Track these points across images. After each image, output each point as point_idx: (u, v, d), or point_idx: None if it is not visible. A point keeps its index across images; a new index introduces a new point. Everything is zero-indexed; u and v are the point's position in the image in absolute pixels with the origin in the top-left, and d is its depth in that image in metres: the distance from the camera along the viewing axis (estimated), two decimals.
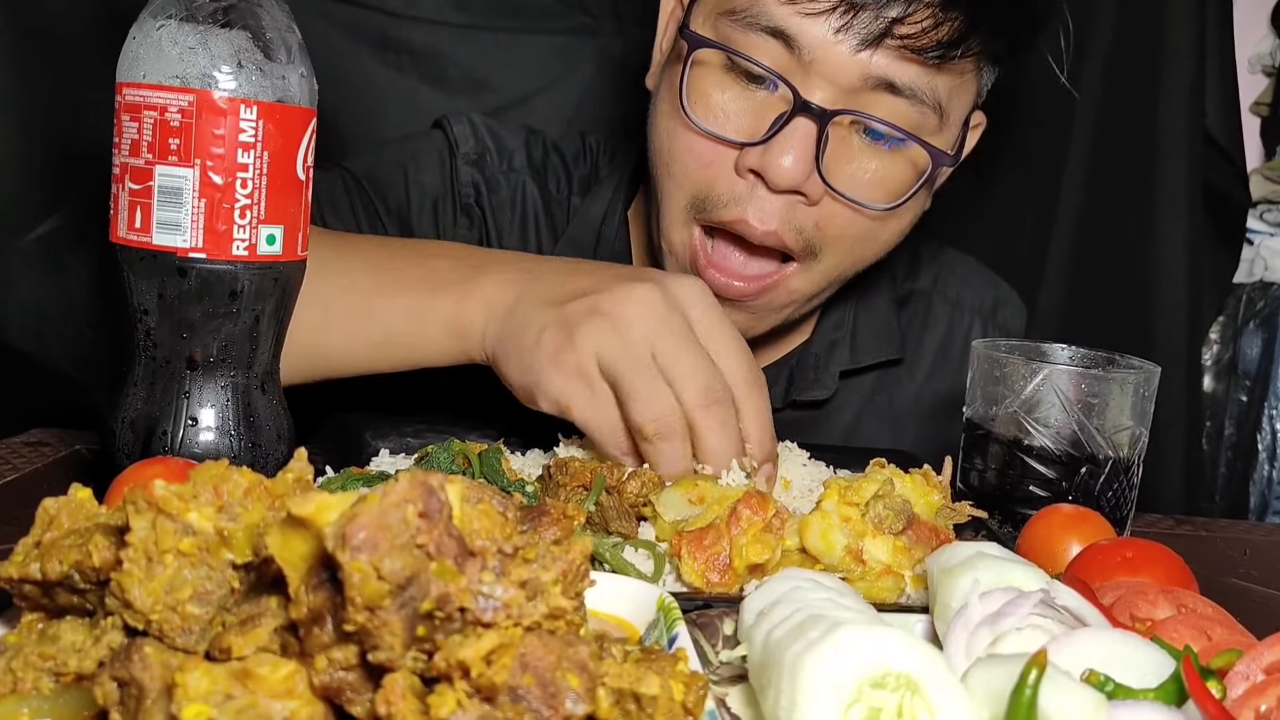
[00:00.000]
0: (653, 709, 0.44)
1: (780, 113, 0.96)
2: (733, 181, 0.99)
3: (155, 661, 0.43)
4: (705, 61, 0.99)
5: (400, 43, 1.45)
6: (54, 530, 0.50)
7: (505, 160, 1.22)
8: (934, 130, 1.00)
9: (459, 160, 1.19)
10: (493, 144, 1.22)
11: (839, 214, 1.00)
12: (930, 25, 0.93)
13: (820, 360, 1.18)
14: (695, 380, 0.81)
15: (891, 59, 0.94)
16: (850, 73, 0.94)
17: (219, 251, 0.72)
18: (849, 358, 1.19)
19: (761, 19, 0.94)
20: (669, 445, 0.81)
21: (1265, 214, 2.44)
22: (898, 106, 0.96)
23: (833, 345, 1.19)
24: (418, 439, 0.94)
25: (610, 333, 0.81)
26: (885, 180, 1.00)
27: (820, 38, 0.93)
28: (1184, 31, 1.67)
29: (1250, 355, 2.37)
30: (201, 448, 0.74)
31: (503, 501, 0.46)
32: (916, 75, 0.95)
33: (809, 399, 1.18)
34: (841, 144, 0.98)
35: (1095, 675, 0.52)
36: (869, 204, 0.99)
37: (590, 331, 0.81)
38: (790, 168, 0.95)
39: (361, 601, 0.40)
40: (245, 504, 0.47)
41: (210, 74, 0.70)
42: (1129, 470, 0.91)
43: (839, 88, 0.95)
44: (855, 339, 1.20)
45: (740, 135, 0.97)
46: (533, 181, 1.22)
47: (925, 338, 1.26)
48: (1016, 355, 0.92)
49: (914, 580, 0.75)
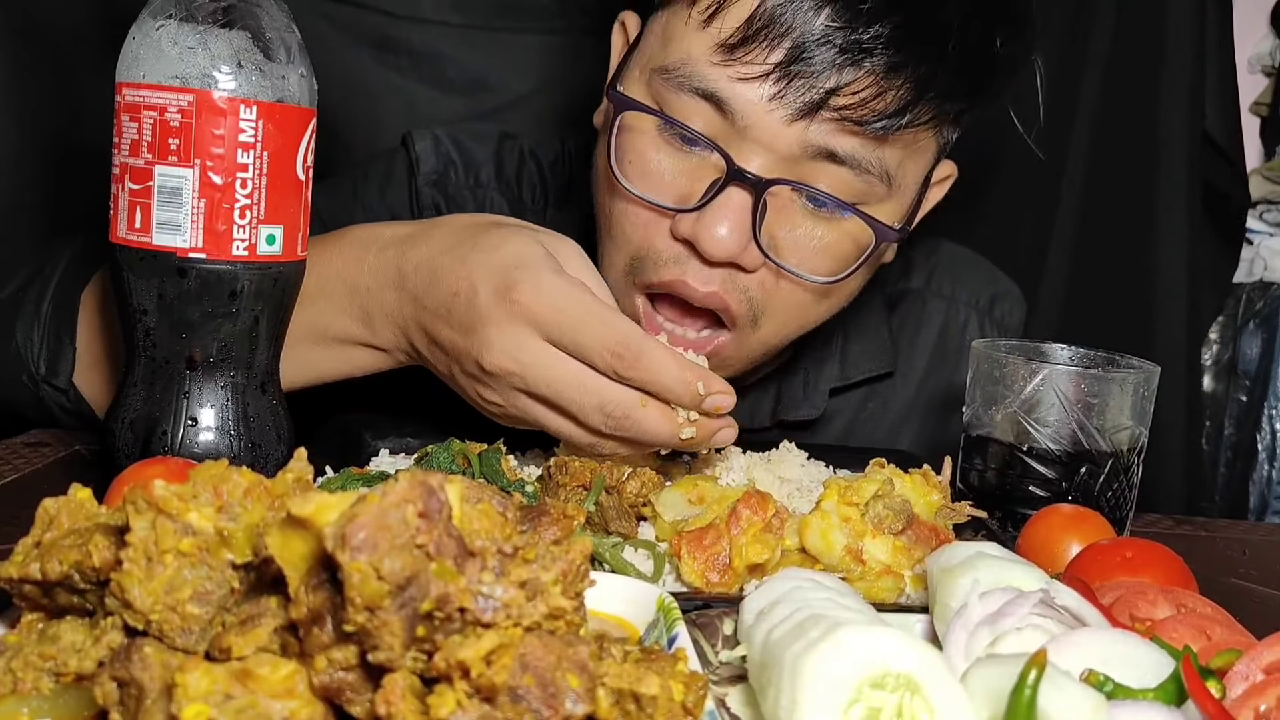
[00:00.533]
0: (652, 709, 0.44)
1: (715, 178, 0.90)
2: (669, 244, 0.93)
3: (155, 661, 0.43)
4: (635, 125, 0.94)
5: (399, 43, 1.45)
6: (54, 530, 0.50)
7: (471, 175, 1.19)
8: (882, 197, 0.93)
9: (419, 180, 1.18)
10: (459, 158, 1.19)
11: (779, 284, 0.94)
12: (871, 95, 0.86)
13: (809, 377, 1.15)
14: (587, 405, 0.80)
15: (831, 129, 0.88)
16: (787, 142, 0.88)
17: (219, 252, 0.72)
18: (839, 374, 1.16)
19: (694, 80, 0.89)
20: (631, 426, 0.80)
21: (1265, 214, 2.44)
22: (840, 175, 0.90)
23: (821, 363, 1.16)
24: (418, 439, 0.94)
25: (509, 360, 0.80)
26: (829, 249, 0.93)
27: (754, 105, 0.87)
28: (1183, 32, 1.67)
29: (1250, 355, 2.37)
30: (201, 448, 0.74)
31: (502, 501, 0.46)
32: (859, 146, 0.89)
33: (797, 419, 1.15)
34: (781, 211, 0.91)
35: (1095, 675, 0.52)
36: (810, 276, 0.93)
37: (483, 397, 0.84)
38: (724, 238, 0.88)
39: (361, 602, 0.40)
40: (245, 504, 0.47)
41: (210, 74, 0.70)
42: (1128, 470, 0.91)
43: (776, 155, 0.89)
44: (845, 356, 1.16)
45: (673, 200, 0.91)
46: (500, 195, 1.20)
47: (918, 340, 1.22)
48: (1016, 355, 0.92)
49: (914, 580, 0.75)
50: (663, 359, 0.79)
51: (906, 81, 0.87)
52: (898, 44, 0.86)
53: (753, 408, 1.15)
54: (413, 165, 1.18)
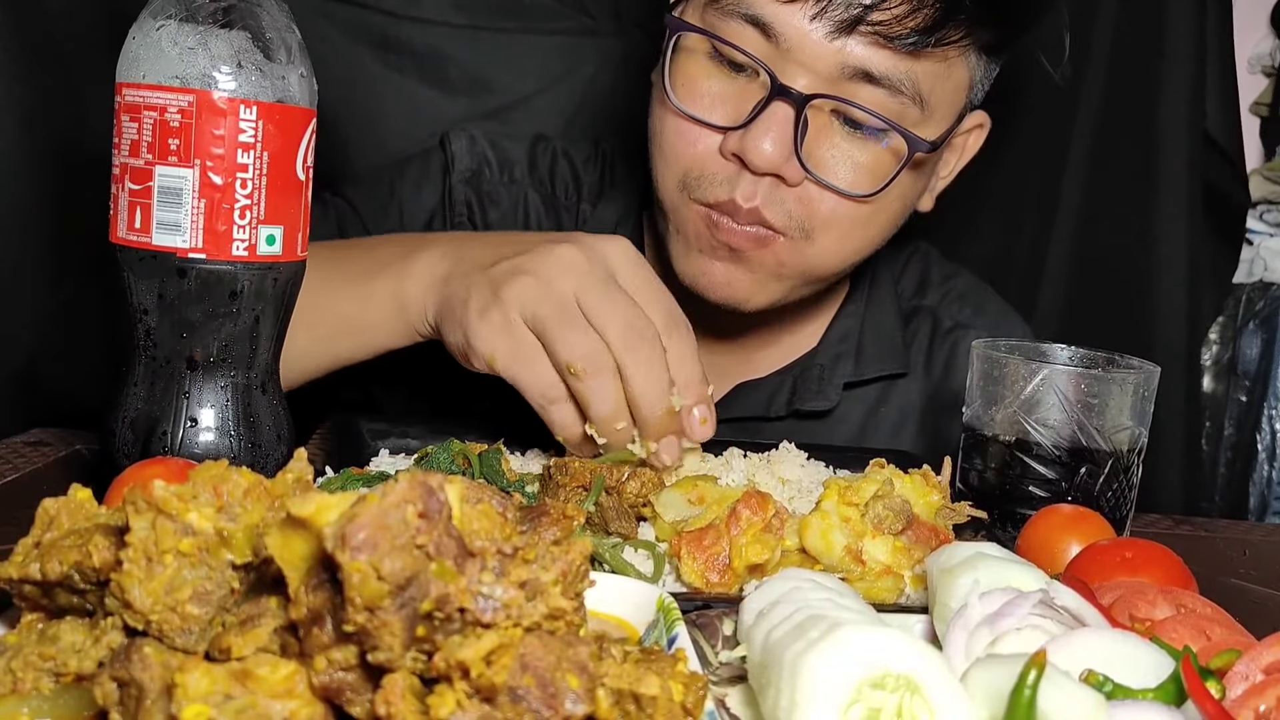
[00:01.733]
0: (652, 709, 0.44)
1: (761, 98, 0.97)
2: (719, 164, 1.00)
3: (155, 662, 0.43)
4: (690, 48, 1.01)
5: (400, 43, 1.45)
6: (54, 530, 0.50)
7: (506, 173, 1.24)
8: (916, 121, 1.00)
9: (454, 178, 1.22)
10: (493, 156, 1.23)
11: (822, 199, 1.00)
12: (904, 12, 0.93)
13: (825, 371, 1.19)
14: (618, 320, 0.82)
15: (867, 47, 0.95)
16: (826, 61, 0.95)
17: (219, 252, 0.72)
18: (853, 370, 1.20)
19: (741, 6, 0.96)
20: (598, 380, 0.81)
21: (1265, 214, 2.44)
22: (876, 95, 0.97)
23: (838, 358, 1.20)
24: (417, 439, 0.95)
25: (533, 286, 0.82)
26: (865, 166, 1.00)
27: (795, 26, 0.95)
28: (1184, 32, 1.66)
29: (1250, 355, 2.37)
30: (201, 448, 0.74)
31: (502, 502, 0.46)
32: (893, 64, 0.96)
33: (812, 409, 1.18)
34: (821, 131, 0.99)
35: (1094, 675, 0.52)
36: (849, 189, 1.00)
37: (514, 287, 0.83)
38: (768, 151, 0.96)
39: (361, 602, 0.40)
40: (245, 504, 0.47)
41: (210, 74, 0.70)
42: (1128, 470, 0.91)
43: (817, 75, 0.96)
44: (861, 352, 1.20)
45: (723, 120, 0.99)
46: (535, 191, 1.24)
47: (931, 353, 1.25)
48: (1016, 355, 0.92)
49: (913, 580, 0.75)
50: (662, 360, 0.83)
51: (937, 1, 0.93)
52: None
53: (770, 398, 1.19)
54: (448, 163, 1.22)
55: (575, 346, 0.81)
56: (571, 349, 0.81)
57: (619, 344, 0.82)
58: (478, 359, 0.85)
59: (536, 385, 0.83)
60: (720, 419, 1.17)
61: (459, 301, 0.86)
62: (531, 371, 0.83)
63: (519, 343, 0.83)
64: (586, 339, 0.81)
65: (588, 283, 0.82)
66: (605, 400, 0.82)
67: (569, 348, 0.81)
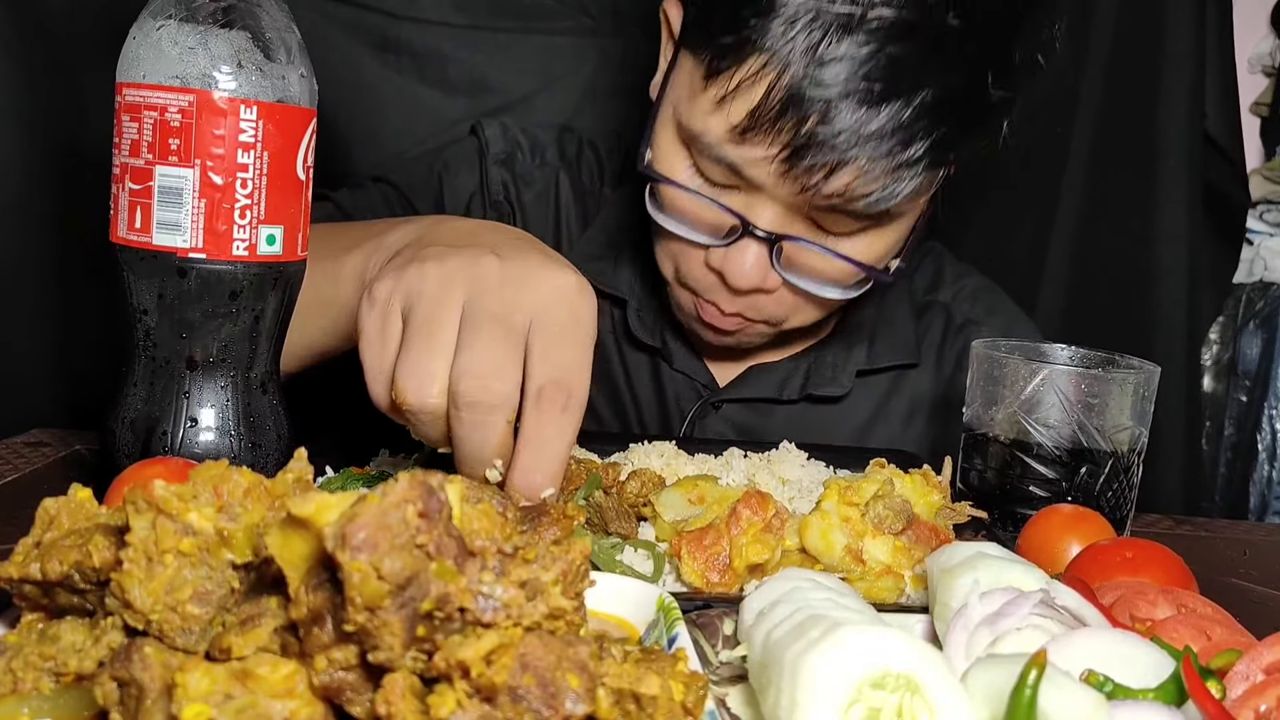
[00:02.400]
0: (653, 709, 0.44)
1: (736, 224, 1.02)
2: (704, 272, 1.07)
3: (155, 661, 0.43)
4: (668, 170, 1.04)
5: (400, 43, 1.45)
6: (54, 530, 0.50)
7: (538, 155, 1.27)
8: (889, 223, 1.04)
9: (489, 161, 1.25)
10: (525, 141, 1.27)
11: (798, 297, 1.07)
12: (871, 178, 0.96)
13: (838, 358, 1.22)
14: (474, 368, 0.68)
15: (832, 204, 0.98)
16: (798, 203, 0.99)
17: (219, 252, 0.72)
18: (866, 359, 1.23)
19: (711, 150, 0.99)
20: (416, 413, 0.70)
21: (1265, 214, 2.44)
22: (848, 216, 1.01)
23: (851, 347, 1.23)
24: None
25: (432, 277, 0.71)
26: (840, 270, 1.05)
27: (764, 175, 0.98)
28: (1183, 32, 1.66)
29: (1250, 355, 2.37)
30: (201, 448, 0.74)
31: (502, 502, 0.46)
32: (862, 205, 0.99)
33: (825, 394, 1.21)
34: (795, 248, 1.03)
35: (1095, 675, 0.52)
36: (823, 293, 1.06)
37: (415, 270, 0.72)
38: (748, 273, 1.02)
39: (361, 602, 0.40)
40: (245, 504, 0.47)
41: (210, 74, 0.70)
42: (1129, 470, 0.91)
43: (788, 207, 1.00)
44: (874, 342, 1.24)
45: (705, 234, 1.04)
46: (565, 174, 1.27)
47: (943, 348, 1.28)
48: (1016, 355, 0.92)
49: (914, 580, 0.75)
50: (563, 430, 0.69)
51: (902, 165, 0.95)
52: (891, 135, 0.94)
53: (784, 381, 1.22)
54: (483, 148, 1.25)
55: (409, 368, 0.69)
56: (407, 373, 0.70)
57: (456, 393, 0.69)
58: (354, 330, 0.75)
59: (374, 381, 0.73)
60: (733, 399, 1.21)
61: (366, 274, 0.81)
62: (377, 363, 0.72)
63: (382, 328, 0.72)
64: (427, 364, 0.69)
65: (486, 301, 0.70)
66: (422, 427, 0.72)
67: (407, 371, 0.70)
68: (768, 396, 1.21)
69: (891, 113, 0.92)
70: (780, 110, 0.93)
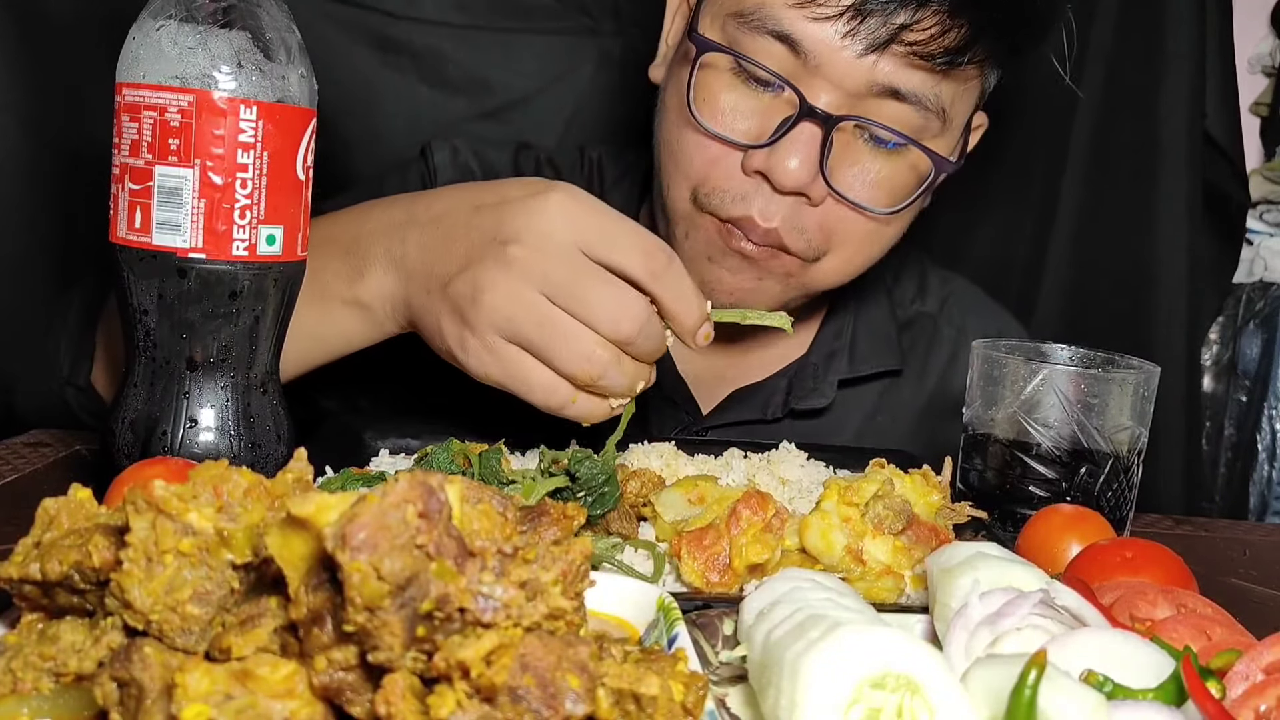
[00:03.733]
0: (652, 709, 0.44)
1: (786, 116, 0.97)
2: (740, 180, 1.00)
3: (155, 662, 0.43)
4: (712, 64, 1.00)
5: (400, 43, 1.45)
6: (54, 530, 0.50)
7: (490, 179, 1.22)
8: (936, 134, 1.01)
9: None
10: (477, 166, 1.22)
11: (843, 216, 1.01)
12: (937, 32, 0.94)
13: (819, 370, 1.19)
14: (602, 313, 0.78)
15: (898, 65, 0.95)
16: (856, 78, 0.95)
17: (219, 252, 0.72)
18: (848, 367, 1.20)
19: (768, 23, 0.95)
20: (608, 380, 0.80)
21: (1265, 214, 2.44)
22: (901, 111, 0.97)
23: (831, 355, 1.20)
24: (417, 439, 0.94)
25: (500, 303, 0.79)
26: (888, 183, 1.01)
27: (826, 43, 0.94)
28: (1183, 32, 1.66)
29: (1250, 355, 2.37)
30: (201, 448, 0.74)
31: (502, 502, 0.46)
32: (922, 81, 0.96)
33: (808, 407, 1.18)
34: (845, 148, 0.99)
35: (1094, 675, 0.52)
36: (871, 207, 1.01)
37: (480, 311, 0.79)
38: (795, 170, 0.96)
39: (361, 602, 0.40)
40: (245, 504, 0.47)
41: (210, 74, 0.70)
42: (1128, 470, 0.91)
43: (844, 92, 0.96)
44: (854, 349, 1.21)
45: (746, 137, 0.99)
46: None
47: (930, 358, 1.26)
48: (1016, 356, 0.92)
49: (914, 580, 0.75)
50: (684, 270, 0.82)
51: (967, 21, 0.94)
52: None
53: (766, 400, 1.18)
54: (429, 175, 1.21)
55: (570, 358, 0.79)
56: (568, 361, 0.79)
57: (613, 334, 0.79)
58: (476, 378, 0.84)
59: (541, 398, 0.82)
60: (718, 424, 1.18)
61: (433, 331, 0.84)
62: (528, 385, 0.81)
63: (507, 362, 0.80)
64: (579, 345, 0.78)
65: (552, 279, 0.78)
66: (620, 386, 0.81)
67: (565, 361, 0.79)
68: (752, 419, 1.18)
69: None
70: None
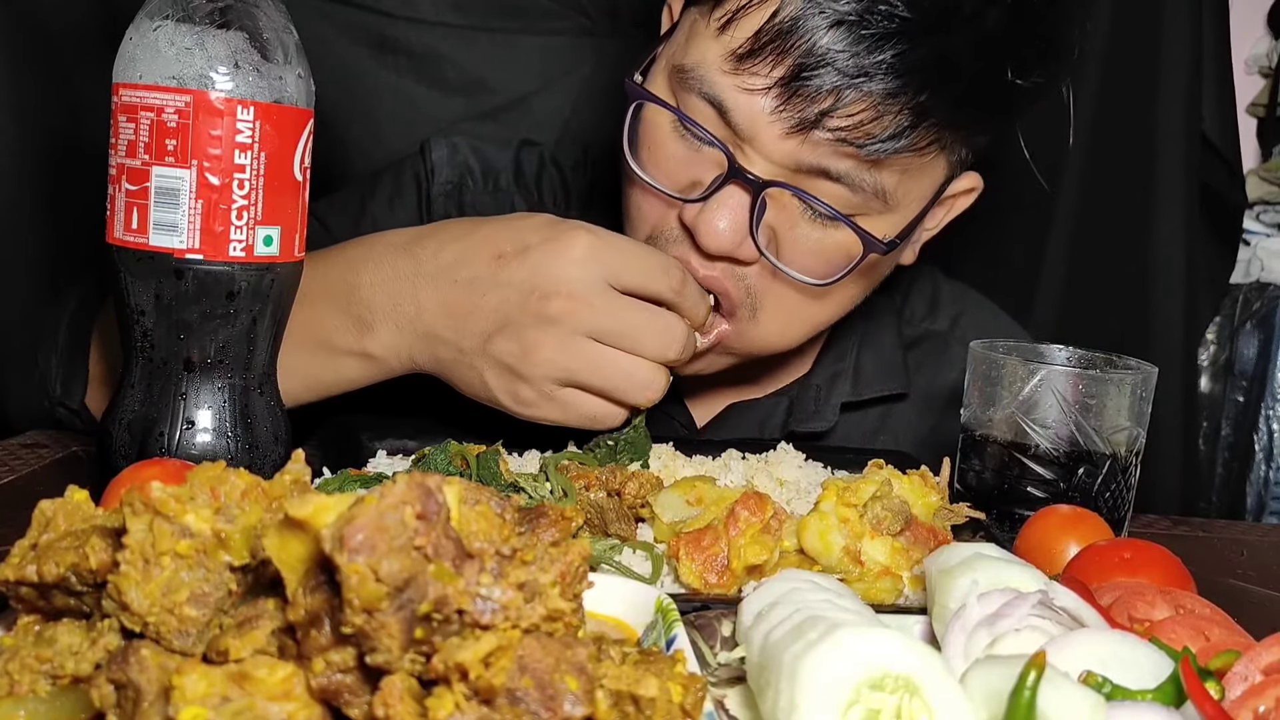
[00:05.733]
0: (651, 711, 0.44)
1: (718, 174, 0.93)
2: (677, 230, 0.97)
3: (152, 664, 0.43)
4: (651, 115, 0.97)
5: (398, 43, 1.45)
6: (50, 532, 0.50)
7: (490, 181, 1.21)
8: (880, 211, 0.95)
9: (434, 190, 1.19)
10: (476, 165, 1.21)
11: (775, 280, 0.97)
12: (867, 119, 0.88)
13: (821, 392, 1.15)
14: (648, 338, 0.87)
15: (827, 148, 0.90)
16: (784, 154, 0.91)
17: (216, 253, 0.71)
18: (851, 390, 1.15)
19: (703, 84, 0.92)
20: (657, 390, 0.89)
21: (1262, 215, 2.44)
22: (836, 189, 0.92)
23: (834, 377, 1.16)
24: (415, 440, 0.94)
25: (550, 353, 0.85)
26: (823, 252, 0.95)
27: (754, 116, 0.90)
28: (1180, 33, 1.67)
29: (1247, 356, 2.37)
30: (198, 449, 0.74)
31: (501, 503, 0.46)
32: (852, 166, 0.91)
33: (808, 430, 1.14)
34: (780, 211, 0.94)
35: (1093, 676, 0.52)
36: (802, 276, 0.95)
37: (532, 363, 0.86)
38: (722, 232, 0.92)
39: (359, 603, 0.40)
40: (242, 506, 0.47)
41: (207, 75, 0.69)
42: (1126, 471, 0.91)
43: (774, 164, 0.92)
44: (858, 372, 1.16)
45: (679, 189, 0.96)
46: (521, 198, 1.21)
47: (937, 380, 1.21)
48: (1014, 356, 0.92)
49: (912, 581, 0.75)
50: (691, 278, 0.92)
51: (905, 108, 0.88)
52: (898, 71, 0.87)
53: (764, 420, 1.15)
54: (425, 174, 1.20)
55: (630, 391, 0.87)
56: (627, 393, 0.87)
57: (659, 355, 0.88)
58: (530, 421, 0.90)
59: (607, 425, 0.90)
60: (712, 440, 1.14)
61: (475, 386, 0.89)
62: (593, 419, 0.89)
63: (568, 406, 0.88)
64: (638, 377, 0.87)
65: (599, 325, 0.85)
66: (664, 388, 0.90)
67: (625, 394, 0.87)
68: (748, 437, 1.11)
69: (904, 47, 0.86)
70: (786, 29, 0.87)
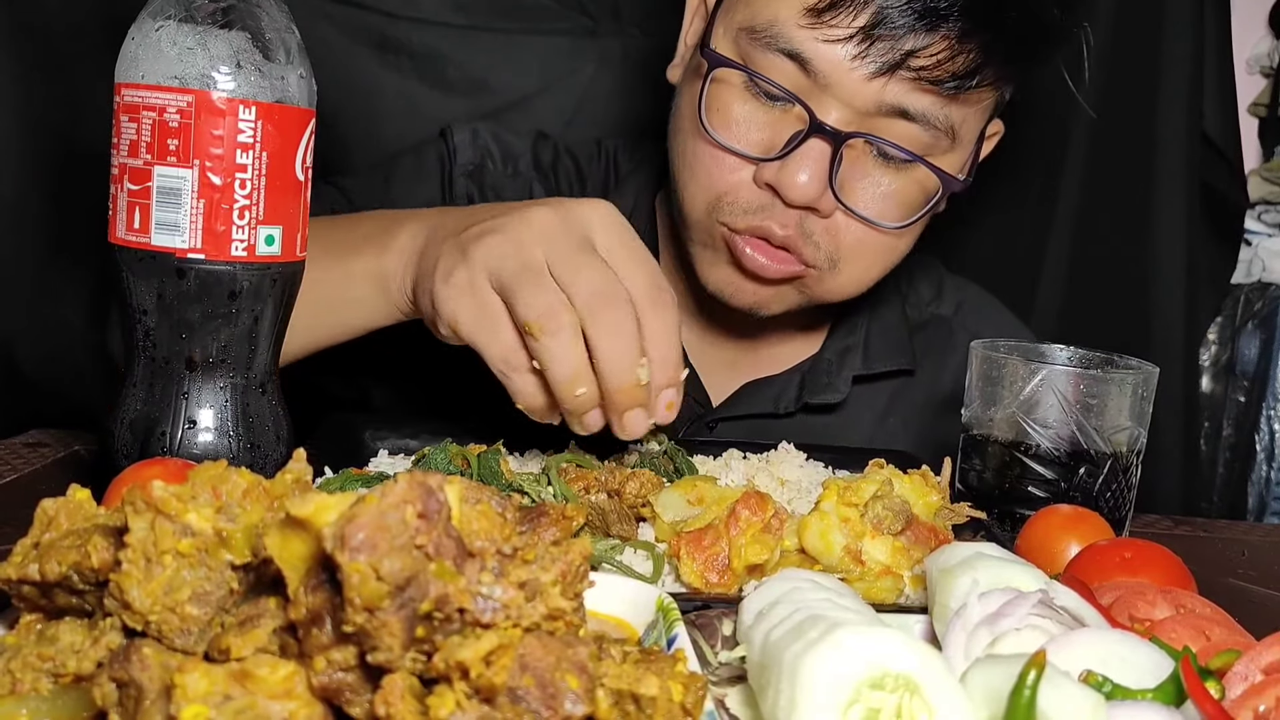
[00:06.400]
0: (652, 710, 0.44)
1: (796, 130, 0.98)
2: (752, 192, 1.02)
3: (154, 662, 0.43)
4: (724, 79, 1.01)
5: (399, 43, 1.45)
6: (53, 531, 0.50)
7: (510, 165, 1.24)
8: (946, 150, 1.02)
9: (455, 170, 1.22)
10: (496, 150, 1.24)
11: (852, 229, 1.03)
12: (945, 57, 0.95)
13: (833, 366, 1.20)
14: (586, 282, 0.77)
15: (906, 88, 0.96)
16: (865, 98, 0.97)
17: (218, 252, 0.72)
18: (861, 364, 1.21)
19: (779, 41, 0.97)
20: (556, 340, 0.76)
21: (1263, 214, 2.44)
22: (910, 130, 0.99)
23: (845, 352, 1.21)
24: (416, 440, 0.94)
25: (501, 245, 0.79)
26: (896, 197, 1.02)
27: (836, 64, 0.95)
28: (1182, 33, 1.67)
29: (1248, 356, 2.37)
30: (200, 448, 0.74)
31: (501, 502, 0.46)
32: (930, 104, 0.98)
33: (821, 402, 1.19)
34: (854, 163, 1.00)
35: (1094, 676, 0.52)
36: (880, 221, 1.02)
37: (481, 247, 0.79)
38: (805, 185, 0.97)
39: (360, 602, 0.40)
40: (244, 505, 0.47)
41: (209, 74, 0.70)
42: (1127, 470, 0.91)
43: (853, 110, 0.97)
44: (868, 347, 1.22)
45: (757, 150, 1.00)
46: (540, 184, 1.24)
47: (944, 361, 1.26)
48: (1015, 356, 0.92)
49: (913, 581, 0.75)
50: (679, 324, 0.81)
51: (976, 46, 0.95)
52: (969, 12, 0.94)
53: (779, 395, 1.19)
54: (447, 156, 1.22)
55: (534, 304, 0.76)
56: (529, 306, 0.76)
57: (585, 306, 0.77)
58: (443, 324, 0.82)
59: (498, 350, 0.79)
60: (729, 417, 1.18)
61: (430, 268, 0.83)
62: (493, 335, 0.79)
63: (482, 305, 0.79)
64: (547, 296, 0.76)
65: (559, 245, 0.78)
66: (564, 361, 0.77)
67: (528, 306, 0.76)
68: (763, 412, 1.19)
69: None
70: None
